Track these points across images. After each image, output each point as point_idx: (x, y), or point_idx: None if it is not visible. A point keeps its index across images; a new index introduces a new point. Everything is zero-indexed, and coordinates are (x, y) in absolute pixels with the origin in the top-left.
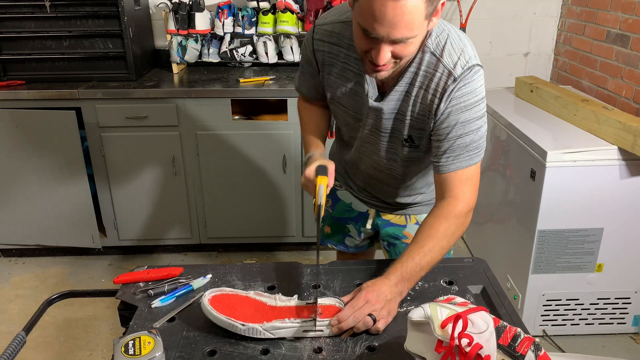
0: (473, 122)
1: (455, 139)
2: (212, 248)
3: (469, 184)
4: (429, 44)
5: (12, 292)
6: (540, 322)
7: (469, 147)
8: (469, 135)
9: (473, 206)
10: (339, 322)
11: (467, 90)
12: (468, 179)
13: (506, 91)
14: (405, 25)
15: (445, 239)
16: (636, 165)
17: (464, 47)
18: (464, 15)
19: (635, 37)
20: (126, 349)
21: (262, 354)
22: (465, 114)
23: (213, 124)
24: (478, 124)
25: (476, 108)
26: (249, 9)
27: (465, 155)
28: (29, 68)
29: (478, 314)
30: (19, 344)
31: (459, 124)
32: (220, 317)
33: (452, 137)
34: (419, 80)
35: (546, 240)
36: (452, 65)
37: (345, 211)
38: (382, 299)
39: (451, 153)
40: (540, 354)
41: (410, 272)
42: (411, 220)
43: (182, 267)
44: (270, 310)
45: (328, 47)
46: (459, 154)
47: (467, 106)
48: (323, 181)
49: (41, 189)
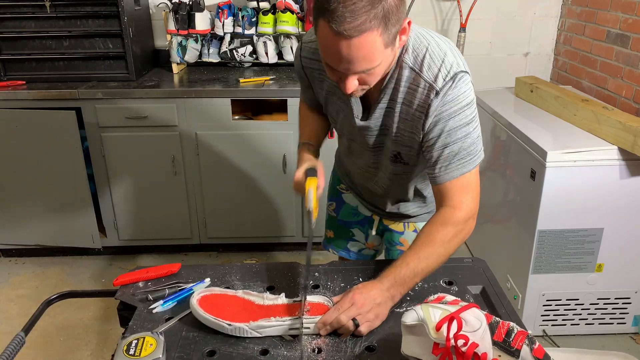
0: (459, 130)
1: (442, 149)
2: (212, 248)
3: (467, 192)
4: (407, 60)
5: (12, 292)
6: (540, 322)
7: (459, 155)
8: (457, 143)
9: (474, 213)
10: (324, 325)
11: (450, 98)
12: (464, 187)
13: (506, 91)
14: (364, 59)
15: (442, 246)
16: (636, 165)
17: (444, 57)
18: (464, 15)
19: (635, 37)
20: (128, 349)
21: (261, 355)
22: (450, 123)
23: (213, 124)
24: (465, 130)
25: (461, 115)
26: (249, 9)
27: (457, 164)
28: (29, 68)
29: (470, 312)
30: (19, 344)
31: (445, 133)
32: (208, 317)
33: (439, 146)
34: (400, 97)
35: (546, 240)
36: (432, 78)
37: (351, 214)
38: (369, 302)
39: (442, 163)
40: (535, 347)
41: (403, 278)
42: (409, 227)
43: (179, 264)
44: (257, 309)
45: (316, 65)
46: (449, 163)
47: (451, 114)
48: (312, 184)
49: (41, 189)
